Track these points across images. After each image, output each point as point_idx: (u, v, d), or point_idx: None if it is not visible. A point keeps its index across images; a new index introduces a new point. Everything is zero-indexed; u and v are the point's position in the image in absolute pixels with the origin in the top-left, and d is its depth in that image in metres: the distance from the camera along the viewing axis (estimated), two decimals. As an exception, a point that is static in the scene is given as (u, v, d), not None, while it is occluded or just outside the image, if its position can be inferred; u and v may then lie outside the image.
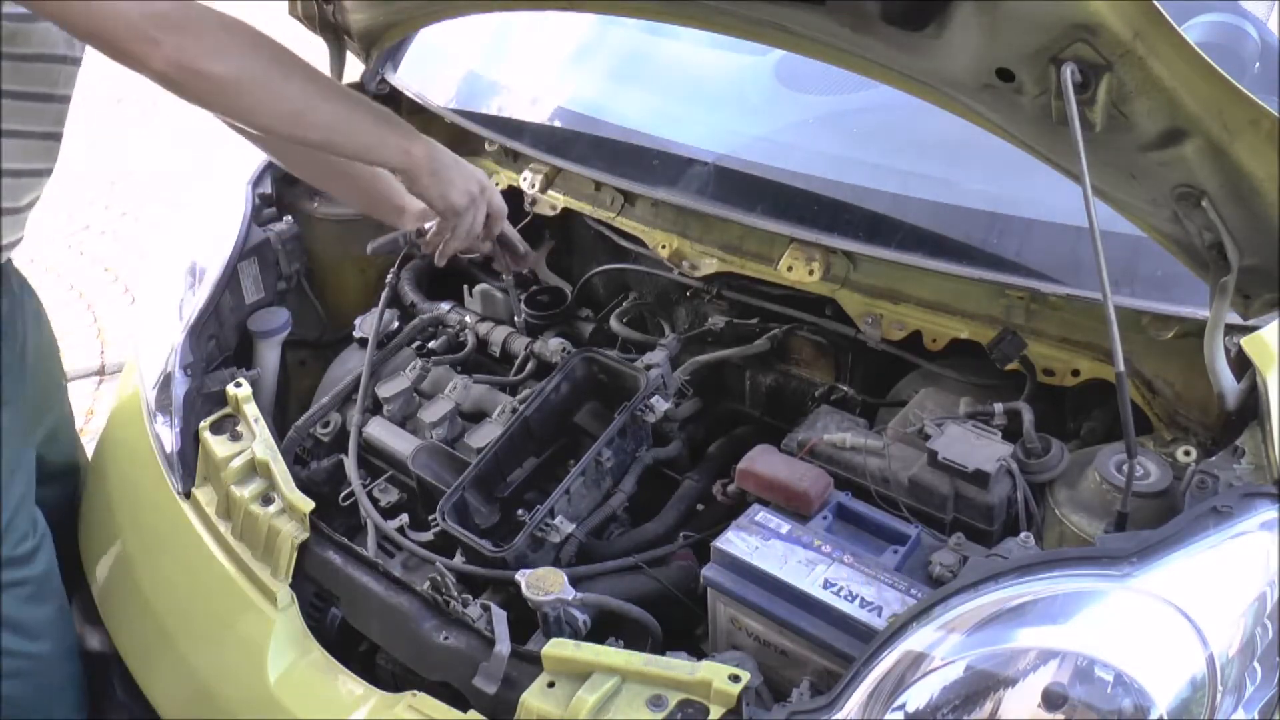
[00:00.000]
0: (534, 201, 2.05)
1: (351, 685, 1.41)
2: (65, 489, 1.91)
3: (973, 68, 1.19)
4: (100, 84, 2.76)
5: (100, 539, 1.82)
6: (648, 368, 1.71)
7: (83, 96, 1.62)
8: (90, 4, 1.20)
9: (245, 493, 1.59)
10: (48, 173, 1.58)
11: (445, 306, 2.04)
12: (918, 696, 1.08)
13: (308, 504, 1.54)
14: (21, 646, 1.65)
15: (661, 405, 1.66)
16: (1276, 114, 1.06)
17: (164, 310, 1.94)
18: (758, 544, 1.32)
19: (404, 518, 1.61)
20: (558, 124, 2.06)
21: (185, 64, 1.23)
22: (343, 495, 1.69)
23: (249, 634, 1.49)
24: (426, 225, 1.72)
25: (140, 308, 1.98)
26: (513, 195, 2.10)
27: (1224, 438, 1.35)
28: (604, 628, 1.38)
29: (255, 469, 1.63)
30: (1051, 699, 1.02)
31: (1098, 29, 1.03)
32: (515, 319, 1.97)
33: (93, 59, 1.43)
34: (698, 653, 1.37)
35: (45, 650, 1.69)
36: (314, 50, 2.09)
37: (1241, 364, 1.34)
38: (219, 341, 1.88)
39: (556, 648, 1.24)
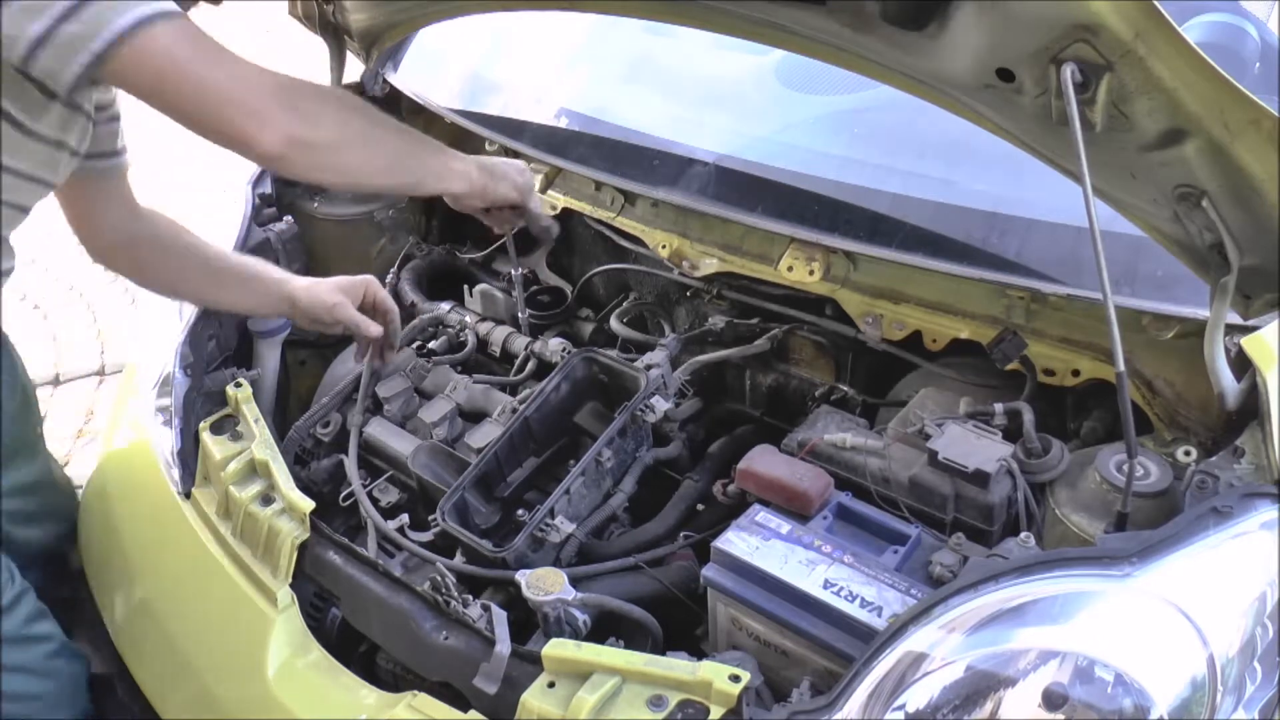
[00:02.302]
0: (534, 201, 2.04)
1: (352, 685, 1.41)
2: (57, 525, 1.89)
3: (973, 68, 1.19)
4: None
5: (101, 540, 1.82)
6: (648, 368, 1.71)
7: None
8: (201, 92, 1.22)
9: (245, 493, 1.59)
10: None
11: (445, 306, 2.04)
12: (918, 697, 1.08)
13: (308, 504, 1.54)
14: (27, 687, 1.63)
15: (662, 405, 1.66)
16: (1277, 114, 1.06)
17: (164, 310, 1.94)
18: (758, 544, 1.32)
19: (404, 518, 1.61)
20: (558, 124, 2.06)
21: (295, 136, 1.26)
22: (343, 495, 1.69)
23: (249, 634, 1.49)
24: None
25: (140, 308, 1.98)
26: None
27: (1224, 438, 1.35)
28: (604, 628, 1.38)
29: (255, 469, 1.62)
30: (1052, 699, 1.02)
31: (1098, 29, 1.03)
32: (519, 315, 1.97)
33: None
34: (698, 653, 1.37)
35: (51, 681, 1.67)
36: (313, 50, 2.10)
37: (1242, 364, 1.34)
38: (219, 341, 1.88)
39: (557, 648, 1.24)
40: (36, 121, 1.38)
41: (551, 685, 1.22)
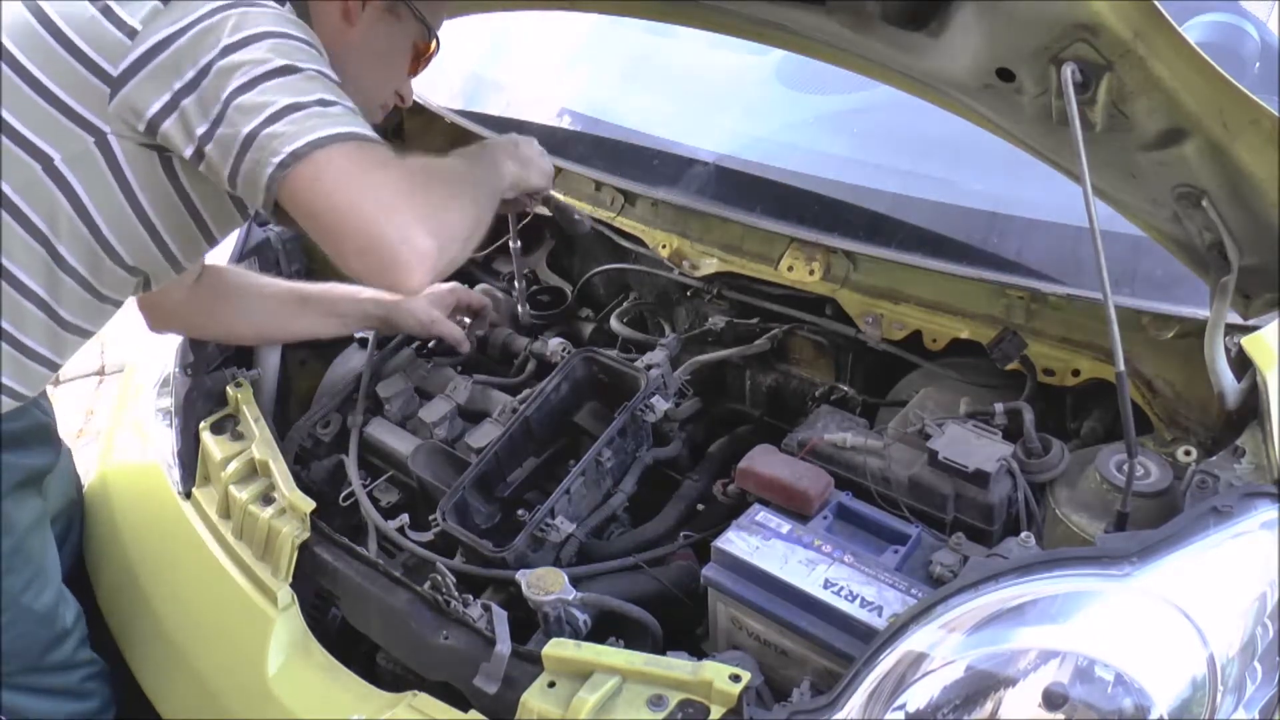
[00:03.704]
0: (534, 201, 2.05)
1: (352, 685, 1.41)
2: (67, 519, 1.86)
3: (973, 68, 1.19)
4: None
5: (102, 540, 1.82)
6: (648, 368, 1.71)
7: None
8: (344, 229, 1.15)
9: (245, 493, 1.59)
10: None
11: (445, 306, 2.04)
12: (918, 696, 1.08)
13: (308, 504, 1.53)
14: (61, 709, 1.63)
15: (662, 405, 1.66)
16: (1276, 114, 1.06)
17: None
18: (758, 544, 1.32)
19: (404, 518, 1.61)
20: (558, 124, 2.06)
21: (436, 268, 1.19)
22: (343, 495, 1.68)
23: (249, 634, 1.49)
24: None
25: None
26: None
27: (1224, 437, 1.35)
28: (604, 628, 1.38)
29: (255, 469, 1.63)
30: (1052, 699, 1.02)
31: (1098, 29, 1.03)
32: (520, 311, 1.97)
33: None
34: (698, 653, 1.37)
35: (84, 703, 1.67)
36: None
37: (1241, 364, 1.35)
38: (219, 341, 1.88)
39: (557, 648, 1.24)
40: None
41: (551, 685, 1.22)
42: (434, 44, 1.51)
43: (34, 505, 1.54)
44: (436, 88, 2.17)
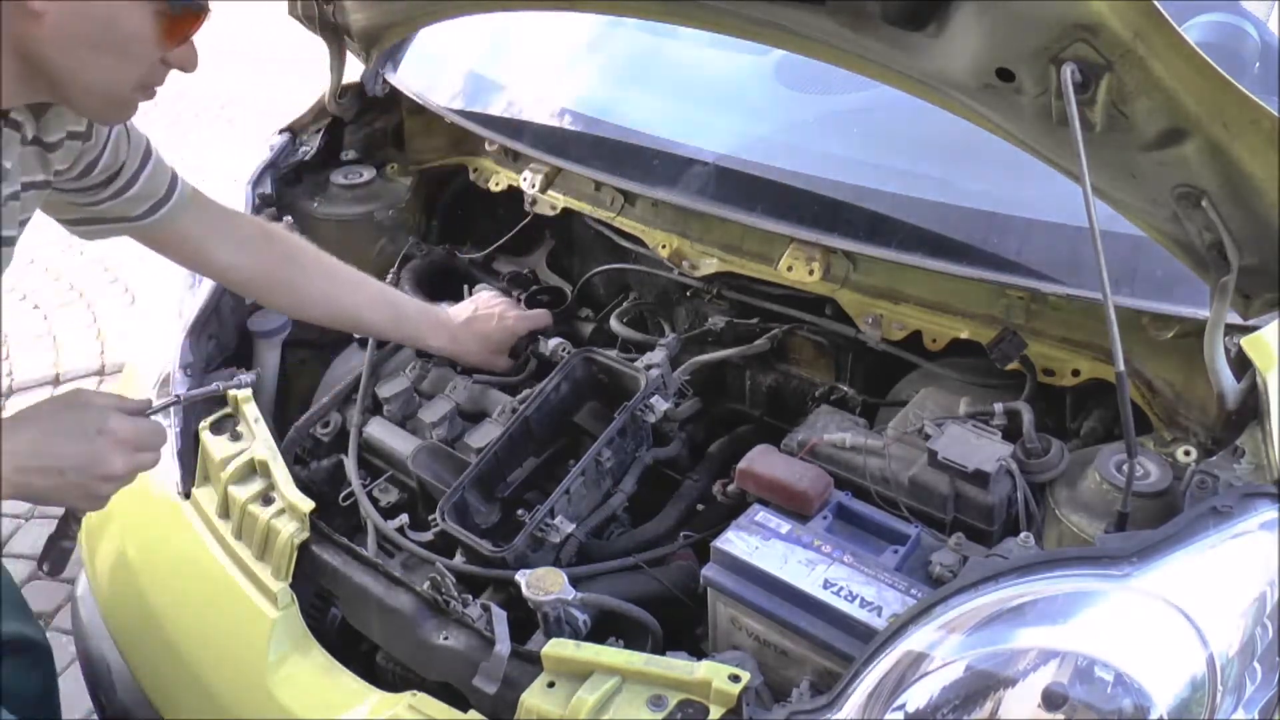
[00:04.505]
0: (534, 201, 2.05)
1: (351, 685, 1.41)
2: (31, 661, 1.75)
3: (973, 68, 1.19)
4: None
5: (101, 540, 1.82)
6: (648, 368, 1.70)
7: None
8: None
9: (245, 493, 1.59)
10: None
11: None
12: (918, 696, 1.08)
13: (308, 504, 1.53)
14: None
15: (661, 405, 1.65)
16: (1276, 114, 1.06)
17: (164, 310, 1.94)
18: (758, 544, 1.32)
19: (404, 518, 1.61)
20: (558, 124, 2.06)
21: None
22: (343, 495, 1.69)
23: (249, 634, 1.49)
24: None
25: (140, 308, 1.98)
26: (512, 195, 2.11)
27: (1224, 438, 1.35)
28: (604, 628, 1.38)
29: (255, 469, 1.62)
30: (1051, 699, 1.02)
31: (1098, 29, 1.03)
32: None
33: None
34: (698, 653, 1.36)
35: None
36: (313, 50, 2.10)
37: (1241, 364, 1.34)
38: (219, 341, 1.88)
39: (556, 648, 1.24)
40: None
41: (551, 685, 1.22)
42: (189, 11, 1.22)
43: None
44: (436, 88, 2.17)
